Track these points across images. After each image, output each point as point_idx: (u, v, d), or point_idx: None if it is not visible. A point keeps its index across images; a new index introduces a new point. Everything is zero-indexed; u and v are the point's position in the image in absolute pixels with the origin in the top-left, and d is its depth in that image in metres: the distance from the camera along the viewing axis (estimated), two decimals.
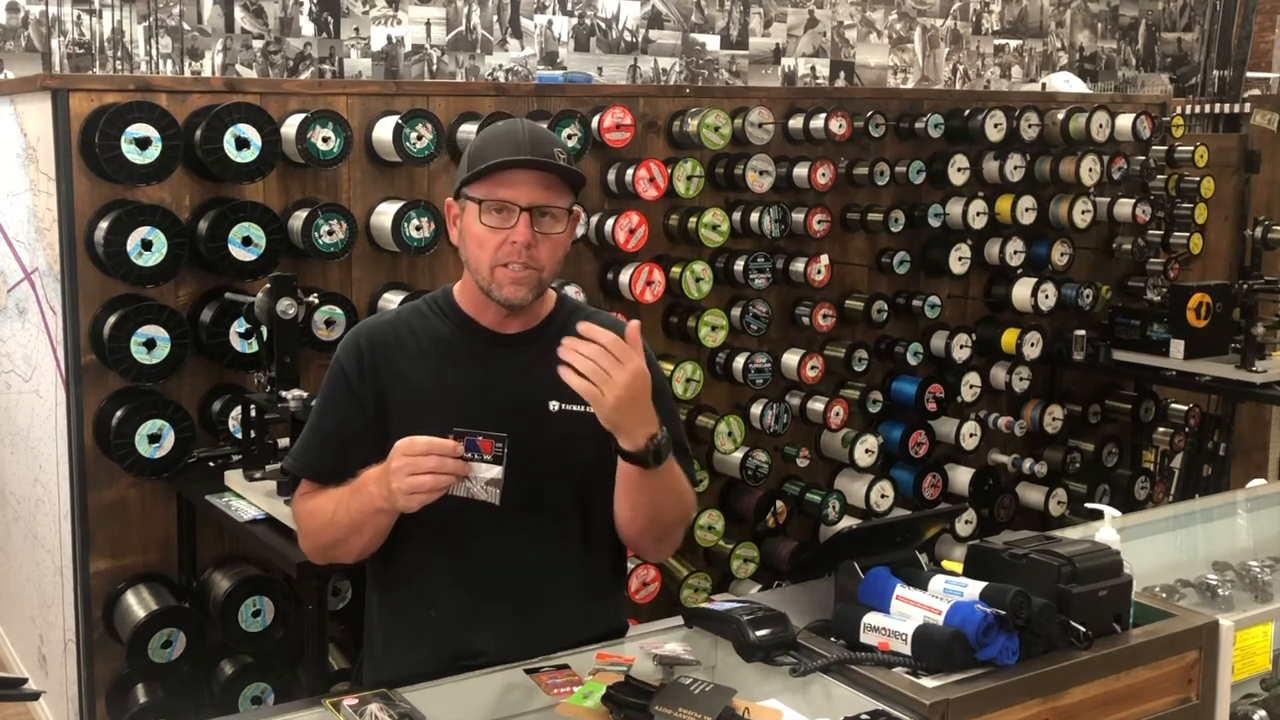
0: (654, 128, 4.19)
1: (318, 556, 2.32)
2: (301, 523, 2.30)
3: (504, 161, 2.13)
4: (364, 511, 2.11)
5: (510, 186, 2.13)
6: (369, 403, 2.22)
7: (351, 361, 2.24)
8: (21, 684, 2.07)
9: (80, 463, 3.45)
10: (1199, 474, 5.37)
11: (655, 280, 4.02)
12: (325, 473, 2.25)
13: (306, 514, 2.26)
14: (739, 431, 4.20)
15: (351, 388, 2.23)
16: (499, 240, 2.13)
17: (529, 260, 2.13)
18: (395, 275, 3.80)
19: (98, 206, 3.39)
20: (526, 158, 2.13)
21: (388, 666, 2.27)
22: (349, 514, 2.13)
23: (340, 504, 2.15)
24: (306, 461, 2.29)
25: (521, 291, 2.16)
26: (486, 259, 2.15)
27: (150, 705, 3.44)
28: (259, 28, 5.52)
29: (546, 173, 2.14)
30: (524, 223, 2.12)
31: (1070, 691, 1.92)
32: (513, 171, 2.13)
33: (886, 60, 7.32)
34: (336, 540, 2.21)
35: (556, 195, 2.15)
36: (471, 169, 2.16)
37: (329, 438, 2.27)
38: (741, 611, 2.06)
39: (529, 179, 2.13)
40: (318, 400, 2.33)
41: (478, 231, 2.15)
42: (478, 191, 2.15)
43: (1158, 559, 2.73)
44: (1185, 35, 8.45)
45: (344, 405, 2.25)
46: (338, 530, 2.18)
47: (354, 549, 2.22)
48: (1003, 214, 4.75)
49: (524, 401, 2.21)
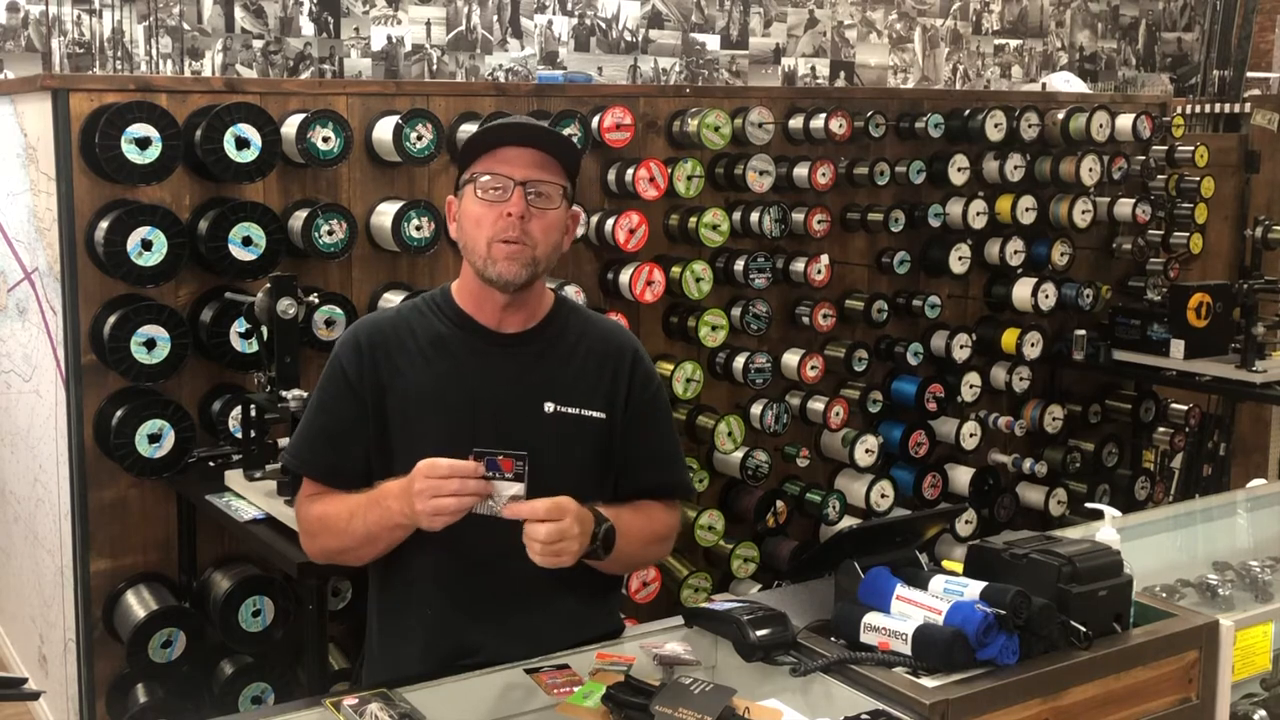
0: (654, 128, 4.19)
1: (321, 559, 2.34)
2: (308, 525, 2.29)
3: (497, 128, 2.21)
4: (382, 525, 2.12)
5: (505, 162, 2.17)
6: (367, 400, 2.23)
7: (350, 358, 2.25)
8: (21, 684, 2.08)
9: (80, 463, 3.45)
10: (1199, 474, 5.37)
11: (655, 280, 4.02)
12: (325, 468, 2.26)
13: (315, 518, 2.26)
14: (739, 431, 4.20)
15: (350, 384, 2.24)
16: (494, 215, 2.16)
17: (523, 235, 2.16)
18: (395, 275, 3.80)
19: (98, 206, 3.38)
20: (518, 123, 2.22)
21: (386, 663, 2.27)
22: (366, 525, 2.14)
23: (357, 515, 2.15)
24: (305, 458, 2.29)
25: (514, 268, 2.17)
26: (484, 236, 2.17)
27: (150, 705, 3.44)
28: (259, 28, 5.52)
29: (540, 151, 2.19)
30: (518, 195, 2.15)
31: (1070, 691, 1.92)
32: (508, 148, 2.18)
33: (886, 60, 7.32)
34: (348, 548, 2.22)
35: (550, 172, 2.20)
36: (466, 149, 2.21)
37: (327, 434, 2.27)
38: (741, 611, 2.06)
39: (524, 156, 2.18)
40: (314, 396, 2.32)
41: (474, 211, 2.18)
42: (473, 171, 2.20)
43: (1158, 559, 2.74)
44: (1185, 35, 8.45)
45: (342, 401, 2.25)
46: (351, 539, 2.18)
47: (364, 557, 2.24)
48: (1003, 214, 4.75)
49: (520, 402, 2.22)
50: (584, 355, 2.29)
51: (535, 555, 2.03)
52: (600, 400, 2.27)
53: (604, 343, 2.33)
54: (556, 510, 2.02)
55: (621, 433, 2.29)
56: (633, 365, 2.32)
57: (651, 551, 2.41)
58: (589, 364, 2.29)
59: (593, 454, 2.27)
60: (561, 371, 2.27)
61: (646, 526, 2.30)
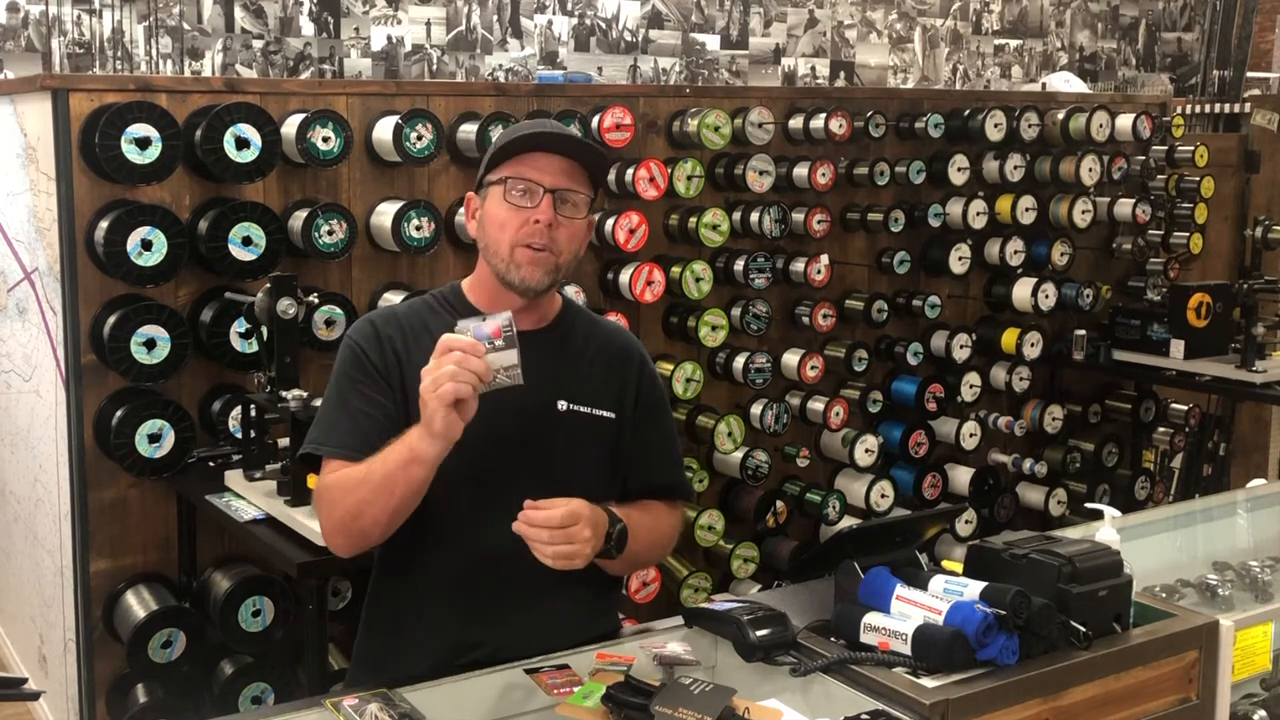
0: (654, 128, 4.19)
1: (340, 534, 2.16)
2: (327, 495, 2.14)
3: (532, 136, 2.16)
4: (399, 461, 2.01)
5: (536, 168, 2.15)
6: (393, 384, 2.17)
7: (371, 344, 2.20)
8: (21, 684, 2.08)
9: (80, 463, 3.45)
10: (1199, 474, 5.37)
11: (655, 280, 4.02)
12: (354, 447, 2.13)
13: (336, 483, 2.12)
14: (739, 431, 4.20)
15: (376, 368, 2.18)
16: (521, 220, 2.14)
17: (549, 243, 2.14)
18: (395, 275, 3.80)
19: (98, 206, 3.39)
20: (553, 132, 2.18)
21: (381, 662, 2.26)
22: (385, 467, 2.03)
23: (375, 462, 2.05)
24: (331, 439, 2.16)
25: (538, 274, 2.16)
26: (507, 239, 2.15)
27: (150, 705, 3.44)
28: (259, 28, 5.52)
29: (570, 160, 2.17)
30: (547, 203, 2.14)
31: (1070, 691, 1.92)
32: (539, 154, 2.16)
33: (886, 60, 7.32)
34: (364, 503, 2.07)
35: (579, 182, 2.18)
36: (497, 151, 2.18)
37: (354, 413, 2.16)
38: (741, 611, 2.06)
39: (554, 163, 2.16)
40: (334, 385, 2.22)
41: (499, 213, 2.16)
42: (502, 173, 2.17)
43: (1158, 559, 2.73)
44: (1185, 35, 8.45)
45: (370, 384, 2.17)
46: (368, 488, 2.05)
47: (381, 514, 2.07)
48: (1003, 214, 4.75)
49: (532, 400, 2.20)
50: (593, 356, 2.30)
51: (546, 559, 2.01)
52: (609, 401, 2.27)
53: (611, 344, 2.33)
54: (570, 517, 2.01)
55: (629, 434, 2.30)
56: (640, 368, 2.33)
57: (656, 552, 2.41)
58: (597, 365, 2.29)
59: (604, 453, 2.27)
60: (572, 371, 2.27)
61: (653, 527, 2.30)
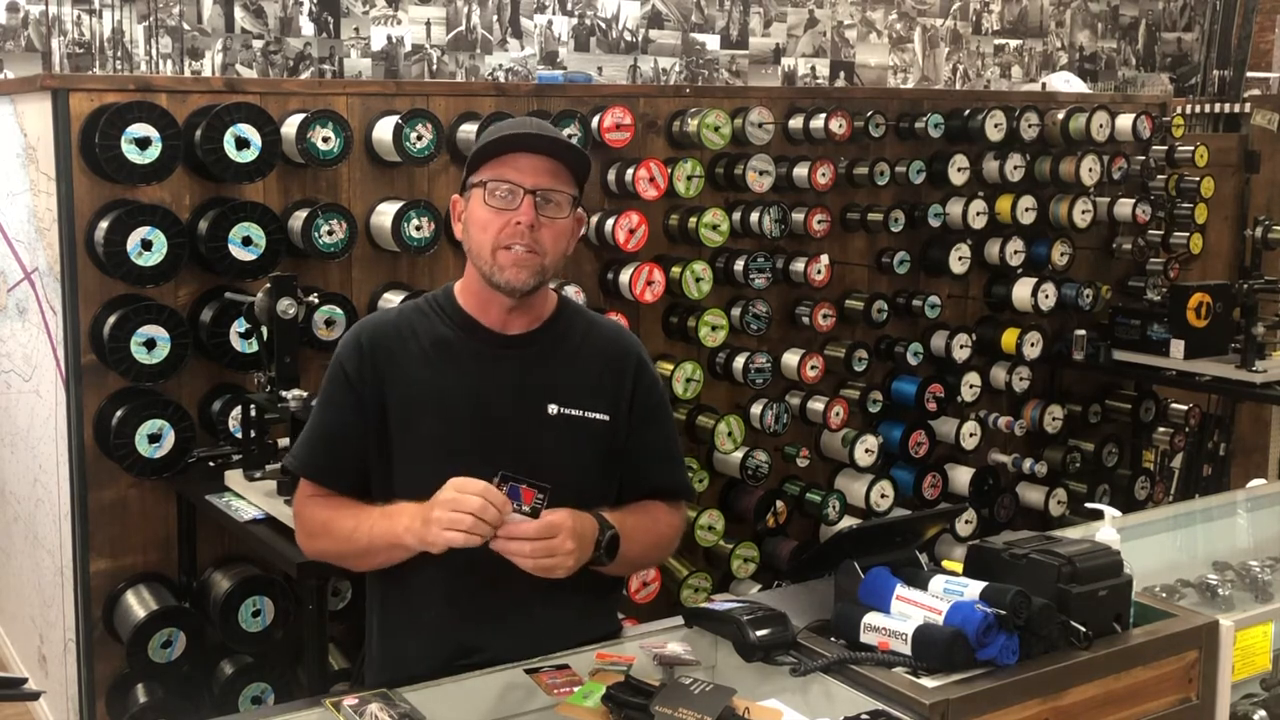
0: (654, 128, 4.19)
1: (314, 557, 2.35)
2: (309, 525, 2.28)
3: (511, 137, 2.16)
4: (385, 539, 2.11)
5: (516, 169, 2.15)
6: (369, 401, 2.22)
7: (351, 359, 2.24)
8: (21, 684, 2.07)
9: (80, 463, 3.45)
10: (1199, 474, 5.37)
11: (655, 280, 4.02)
12: (324, 470, 2.26)
13: (320, 521, 2.25)
14: (739, 431, 4.20)
15: (351, 385, 2.23)
16: (502, 222, 2.14)
17: (532, 243, 2.14)
18: (395, 275, 3.80)
19: (98, 206, 3.38)
20: (533, 132, 2.17)
21: (387, 664, 2.27)
22: (369, 537, 2.14)
23: (362, 526, 2.15)
24: (305, 460, 2.29)
25: (523, 275, 2.16)
26: (489, 241, 2.15)
27: (150, 705, 3.44)
28: (259, 28, 5.52)
29: (552, 159, 2.16)
30: (528, 204, 2.13)
31: (1070, 691, 1.92)
32: (519, 155, 2.15)
33: (886, 60, 7.31)
34: (344, 554, 2.22)
35: (561, 181, 2.17)
36: (478, 153, 2.18)
37: (327, 436, 2.27)
38: (741, 611, 2.06)
39: (534, 163, 2.15)
40: (318, 398, 2.33)
41: (481, 215, 2.16)
42: (483, 175, 2.17)
43: (1158, 559, 2.73)
44: (1185, 35, 8.45)
45: (343, 403, 2.24)
46: (351, 547, 2.19)
47: (356, 567, 2.26)
48: (1003, 214, 4.75)
49: (523, 404, 2.21)
50: (588, 357, 2.29)
51: (528, 570, 2.03)
52: (604, 402, 2.27)
53: (608, 344, 2.33)
54: (547, 530, 2.01)
55: (626, 435, 2.29)
56: (637, 368, 2.32)
57: (656, 554, 2.41)
58: (592, 366, 2.28)
59: (596, 456, 2.26)
60: (565, 373, 2.26)
61: (652, 529, 2.30)
